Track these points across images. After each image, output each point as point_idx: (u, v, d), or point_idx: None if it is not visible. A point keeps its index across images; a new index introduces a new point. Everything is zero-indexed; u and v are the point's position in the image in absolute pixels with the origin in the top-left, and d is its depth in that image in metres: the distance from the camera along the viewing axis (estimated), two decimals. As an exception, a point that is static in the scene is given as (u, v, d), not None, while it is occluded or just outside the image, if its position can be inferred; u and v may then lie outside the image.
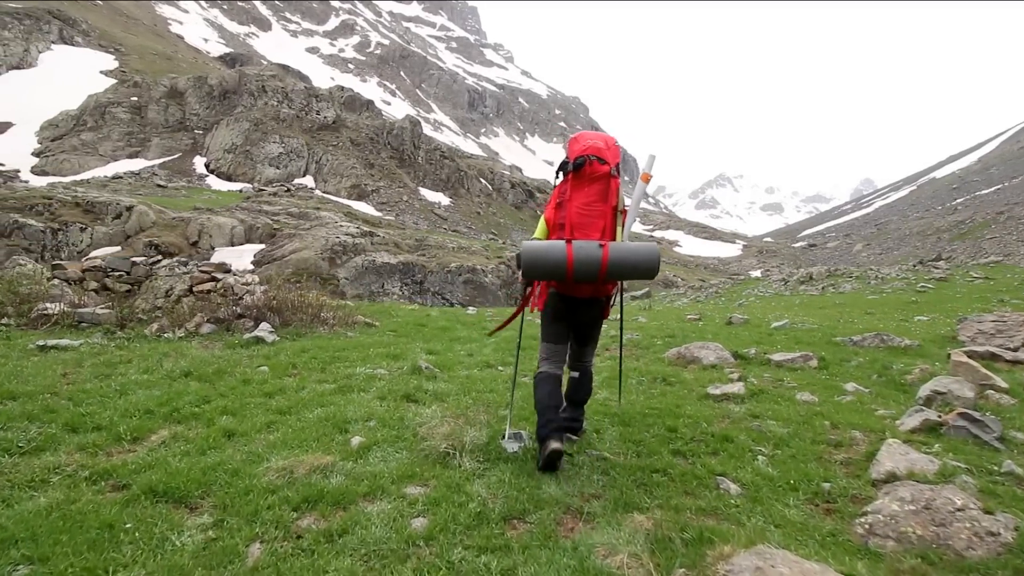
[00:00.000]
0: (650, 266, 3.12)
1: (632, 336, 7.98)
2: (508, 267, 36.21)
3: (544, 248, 3.10)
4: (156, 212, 33.98)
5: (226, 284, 7.56)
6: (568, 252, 3.05)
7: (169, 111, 61.25)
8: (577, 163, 3.22)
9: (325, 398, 4.41)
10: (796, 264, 67.64)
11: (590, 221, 3.18)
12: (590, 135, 3.38)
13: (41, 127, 56.86)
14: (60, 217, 30.81)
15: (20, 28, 69.08)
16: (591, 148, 3.24)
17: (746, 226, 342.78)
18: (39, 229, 29.31)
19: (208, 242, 33.53)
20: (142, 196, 39.14)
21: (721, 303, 18.89)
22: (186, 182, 51.43)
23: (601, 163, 3.21)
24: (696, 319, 10.71)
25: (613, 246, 3.10)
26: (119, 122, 58.28)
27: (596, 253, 3.05)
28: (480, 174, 70.20)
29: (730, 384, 5.17)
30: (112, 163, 54.90)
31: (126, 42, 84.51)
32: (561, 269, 3.08)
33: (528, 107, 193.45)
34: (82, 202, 32.57)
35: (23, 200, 31.39)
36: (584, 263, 3.05)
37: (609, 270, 3.09)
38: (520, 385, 5.14)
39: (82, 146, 55.57)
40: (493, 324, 9.27)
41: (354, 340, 7.03)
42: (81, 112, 57.99)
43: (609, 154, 3.26)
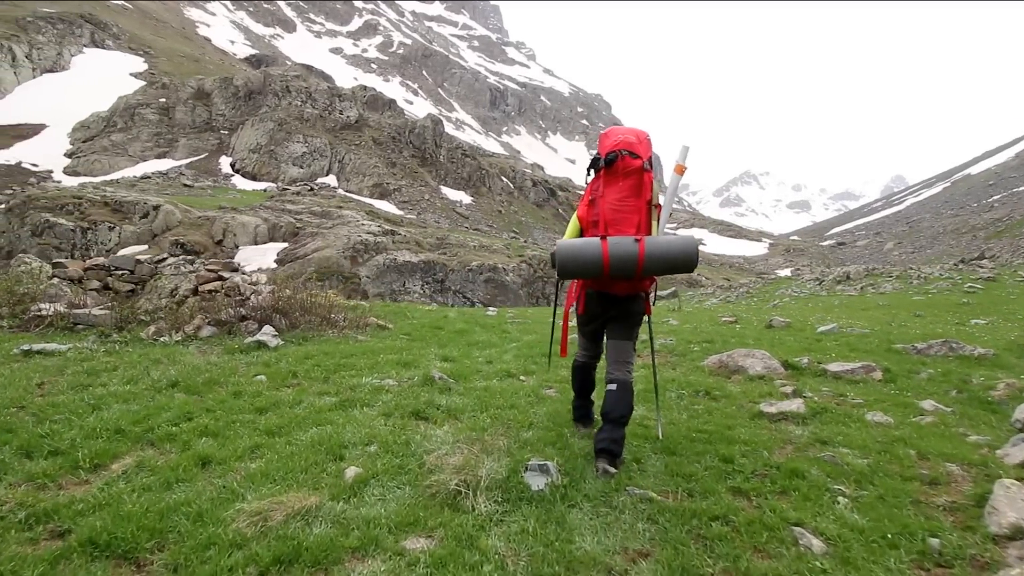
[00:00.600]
0: (688, 260, 3.06)
1: (665, 341, 7.39)
2: (529, 265, 35.61)
3: (579, 246, 3.06)
4: (182, 211, 34.21)
5: (232, 284, 7.14)
6: (603, 249, 3.01)
7: (196, 112, 62.04)
8: (609, 158, 3.16)
9: (323, 415, 3.90)
10: (825, 263, 65.73)
11: (624, 217, 3.13)
12: (621, 130, 3.31)
13: (73, 128, 58.06)
14: (89, 216, 31.17)
15: (54, 32, 70.70)
16: (623, 143, 3.18)
17: (772, 224, 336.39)
18: (69, 228, 29.68)
19: (232, 240, 33.63)
20: (169, 195, 39.53)
21: (753, 304, 17.99)
22: (212, 181, 51.97)
23: (633, 157, 3.14)
24: (732, 321, 10.05)
25: (649, 241, 3.04)
26: (148, 123, 59.20)
27: (632, 249, 3.00)
28: (501, 172, 69.68)
29: (786, 400, 4.55)
30: (141, 163, 55.76)
31: (155, 45, 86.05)
32: (597, 266, 3.04)
33: (550, 105, 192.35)
34: (111, 202, 32.93)
35: (54, 200, 31.85)
36: (620, 259, 3.00)
37: (646, 265, 3.03)
38: (544, 400, 4.55)
39: (112, 147, 56.55)
40: (513, 327, 8.76)
41: (364, 345, 6.52)
42: (111, 113, 59.06)
43: (641, 148, 3.19)
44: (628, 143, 3.19)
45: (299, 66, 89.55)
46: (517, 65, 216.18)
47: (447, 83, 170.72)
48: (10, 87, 61.80)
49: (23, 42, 65.76)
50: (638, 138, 3.24)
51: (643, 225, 3.15)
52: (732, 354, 5.94)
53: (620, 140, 3.21)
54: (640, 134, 3.28)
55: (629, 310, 3.39)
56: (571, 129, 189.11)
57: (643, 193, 3.16)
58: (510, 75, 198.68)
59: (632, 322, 3.45)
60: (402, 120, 67.80)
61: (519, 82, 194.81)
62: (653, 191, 3.23)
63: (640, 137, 3.25)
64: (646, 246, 3.02)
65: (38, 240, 28.79)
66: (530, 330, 8.50)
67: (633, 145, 3.18)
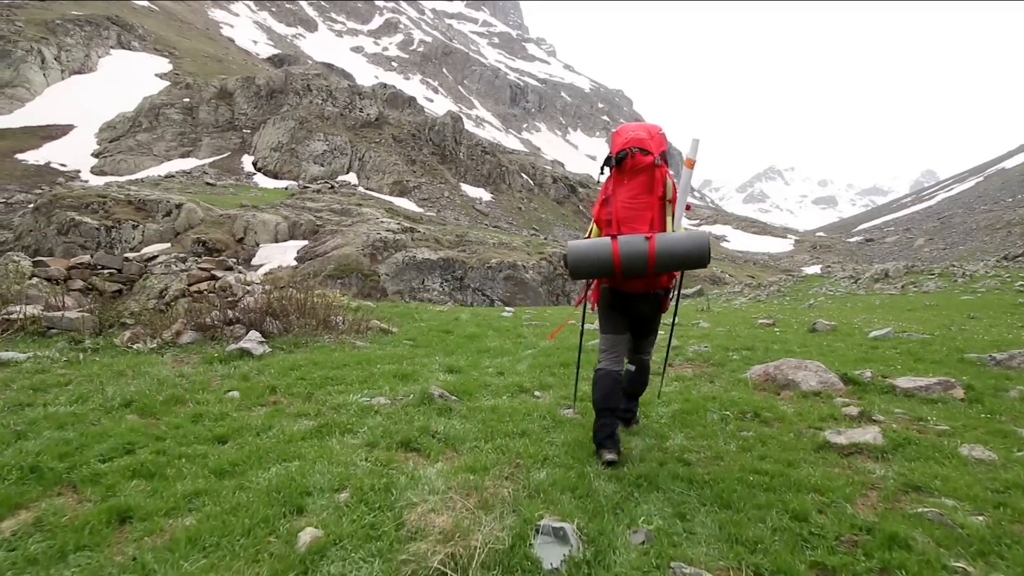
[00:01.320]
0: (700, 255, 3.00)
1: (699, 348, 6.63)
2: (549, 263, 34.86)
3: (588, 246, 3.08)
4: (204, 209, 34.23)
5: (224, 283, 6.54)
6: (614, 248, 3.00)
7: (219, 111, 62.52)
8: (619, 157, 3.15)
9: (292, 446, 3.25)
10: (853, 259, 63.69)
11: (637, 214, 3.13)
12: (632, 127, 3.29)
13: (100, 129, 58.93)
14: (114, 215, 31.33)
15: (81, 34, 71.94)
16: (633, 140, 3.17)
17: (797, 220, 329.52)
18: (94, 227, 29.85)
19: (253, 238, 33.55)
20: (191, 194, 39.70)
21: (787, 303, 16.98)
22: (234, 180, 52.25)
23: (644, 154, 3.13)
24: (769, 324, 9.21)
25: (660, 237, 3.01)
26: (172, 123, 59.81)
27: (642, 247, 2.98)
28: (521, 169, 68.92)
29: (857, 429, 3.71)
30: (166, 163, 56.35)
31: (180, 45, 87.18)
32: (608, 266, 3.03)
33: (570, 101, 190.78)
34: (134, 200, 33.09)
35: (79, 199, 32.09)
36: (631, 258, 2.99)
37: (658, 263, 3.01)
38: (562, 424, 3.84)
39: (138, 146, 57.25)
40: (530, 330, 8.12)
41: (361, 353, 5.87)
42: (137, 114, 59.80)
43: (653, 143, 3.17)
44: (639, 140, 3.16)
45: (320, 65, 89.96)
46: (537, 61, 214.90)
47: (467, 80, 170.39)
48: (40, 89, 62.99)
49: (52, 44, 67.00)
50: (649, 134, 3.21)
51: (656, 221, 3.12)
52: (780, 365, 5.17)
53: (631, 137, 3.19)
54: (652, 129, 3.25)
55: (648, 308, 3.40)
56: (592, 125, 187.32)
57: (655, 189, 3.13)
58: (530, 72, 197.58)
59: (650, 322, 3.52)
60: (422, 117, 67.48)
61: (539, 78, 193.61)
62: (666, 186, 3.18)
63: (651, 132, 3.22)
64: (657, 243, 2.98)
65: (64, 238, 28.97)
66: (548, 334, 7.89)
67: (644, 141, 3.16)
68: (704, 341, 7.11)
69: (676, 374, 5.51)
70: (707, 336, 7.61)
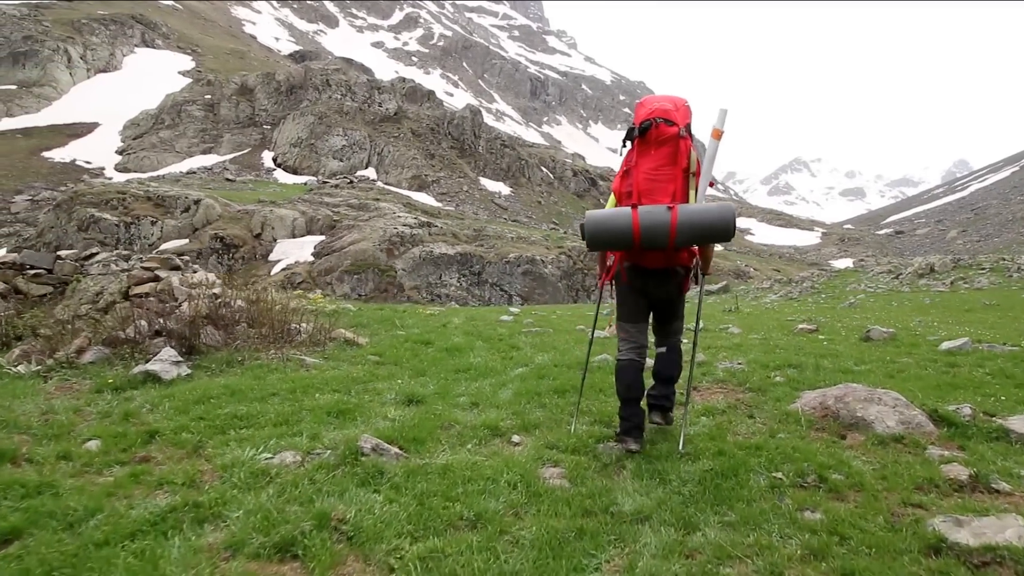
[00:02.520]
0: (725, 227, 2.91)
1: (732, 365, 5.30)
2: (569, 257, 34.31)
3: (607, 215, 2.99)
4: (222, 205, 34.39)
5: (166, 285, 5.70)
6: (633, 217, 2.90)
7: (239, 107, 63.03)
8: (643, 127, 3.06)
9: (102, 555, 2.18)
10: (882, 252, 61.84)
11: (659, 186, 3.03)
12: (657, 98, 3.20)
13: (124, 126, 59.85)
14: (133, 211, 31.62)
15: (107, 33, 73.08)
16: (657, 111, 3.07)
17: (823, 213, 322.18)
18: (113, 223, 30.15)
19: (271, 234, 33.62)
20: (211, 190, 39.98)
21: (823, 301, 15.86)
22: (254, 176, 52.60)
23: (668, 124, 3.03)
24: (812, 330, 7.83)
25: (682, 208, 2.90)
26: (194, 119, 60.47)
27: (664, 216, 2.88)
28: (541, 162, 68.29)
29: (985, 518, 2.44)
30: (188, 159, 56.99)
31: (202, 43, 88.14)
32: (627, 236, 2.94)
33: (591, 94, 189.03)
34: (153, 196, 33.37)
35: (99, 195, 32.44)
36: (651, 228, 2.89)
37: (679, 234, 2.90)
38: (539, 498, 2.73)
39: (160, 143, 58.01)
40: (528, 340, 6.89)
41: (304, 376, 4.69)
42: (159, 111, 60.58)
43: (678, 115, 3.07)
44: (664, 110, 3.07)
45: (339, 60, 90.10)
46: (558, 54, 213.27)
47: (487, 74, 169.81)
48: (66, 88, 64.15)
49: (78, 44, 68.16)
50: (675, 105, 3.11)
51: (679, 193, 3.02)
52: (842, 395, 3.91)
53: (655, 108, 3.09)
54: (677, 101, 3.16)
55: (668, 287, 3.26)
56: (613, 118, 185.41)
57: (679, 161, 3.03)
58: (551, 64, 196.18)
59: (672, 303, 3.36)
60: (441, 111, 67.19)
61: (560, 71, 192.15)
62: (691, 159, 3.06)
63: (677, 104, 3.13)
64: (679, 213, 2.87)
65: (84, 235, 29.29)
66: (548, 345, 6.55)
67: (669, 112, 3.06)
68: (737, 354, 5.95)
69: (704, 404, 4.22)
70: (739, 347, 6.40)
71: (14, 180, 47.11)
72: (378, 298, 30.71)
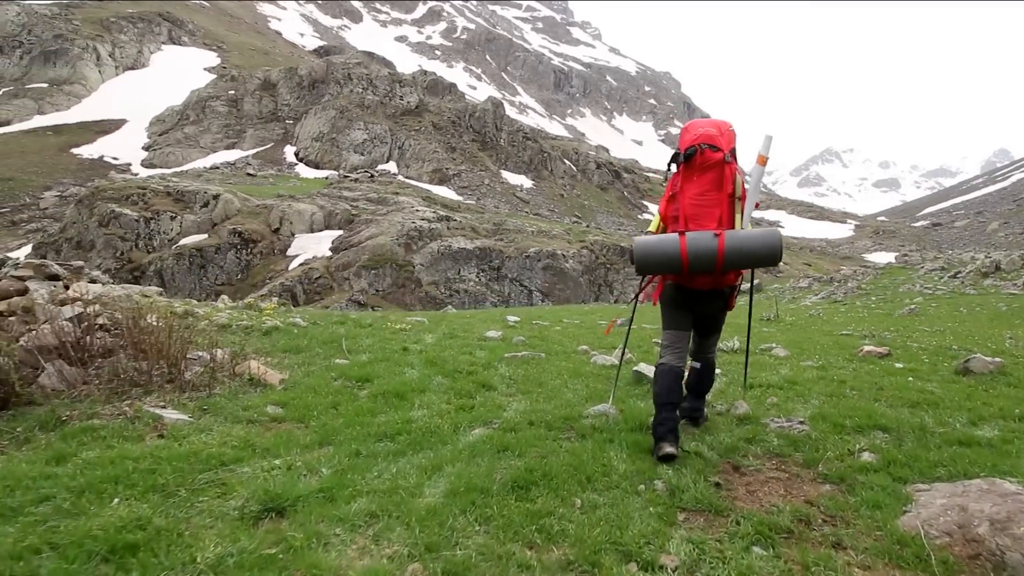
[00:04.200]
0: (772, 253, 2.99)
1: (788, 425, 3.67)
2: (591, 251, 33.35)
3: (656, 242, 3.08)
4: (241, 200, 34.27)
5: (30, 301, 4.45)
6: (681, 245, 2.98)
7: (263, 103, 63.28)
8: (688, 153, 3.11)
9: None
10: (919, 245, 59.24)
11: (705, 211, 3.10)
12: (702, 123, 3.29)
13: (150, 123, 60.57)
14: (152, 206, 31.66)
15: (134, 31, 74.10)
16: (702, 136, 3.13)
17: (856, 205, 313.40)
18: (133, 218, 30.20)
19: (289, 228, 33.40)
20: (232, 185, 40.02)
21: (874, 305, 14.03)
22: (276, 170, 52.70)
23: (713, 150, 3.09)
24: (882, 353, 6.05)
25: (729, 235, 2.99)
26: (218, 115, 60.90)
27: (711, 244, 2.97)
28: (564, 155, 67.14)
29: None
30: (212, 154, 57.42)
31: (228, 40, 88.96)
32: (676, 262, 3.02)
33: (616, 85, 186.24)
34: (173, 191, 33.40)
35: (120, 191, 32.58)
36: (699, 255, 2.97)
37: (726, 260, 2.99)
38: None
39: (185, 139, 58.57)
40: (511, 370, 5.25)
41: (129, 454, 2.96)
42: (184, 107, 61.16)
43: (723, 140, 3.13)
44: (708, 136, 3.13)
45: (360, 53, 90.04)
46: (582, 45, 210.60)
47: (510, 67, 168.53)
48: (95, 85, 65.19)
49: (107, 42, 69.21)
50: (719, 130, 3.18)
51: (725, 219, 3.09)
52: (1002, 515, 2.23)
53: (700, 133, 3.15)
54: (722, 125, 3.23)
55: (714, 306, 3.37)
56: (638, 109, 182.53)
57: (724, 186, 3.11)
58: (575, 56, 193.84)
59: (715, 320, 3.47)
60: (462, 104, 66.49)
61: (584, 63, 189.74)
62: (736, 184, 3.12)
63: (722, 129, 3.20)
64: (726, 240, 2.97)
65: (104, 230, 29.39)
66: (534, 380, 4.89)
67: (714, 138, 3.12)
68: (791, 399, 4.34)
69: (756, 512, 2.57)
70: (793, 386, 4.72)
71: (44, 176, 47.96)
72: (395, 293, 30.23)
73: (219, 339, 5.42)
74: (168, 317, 4.36)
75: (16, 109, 59.20)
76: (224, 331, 6.11)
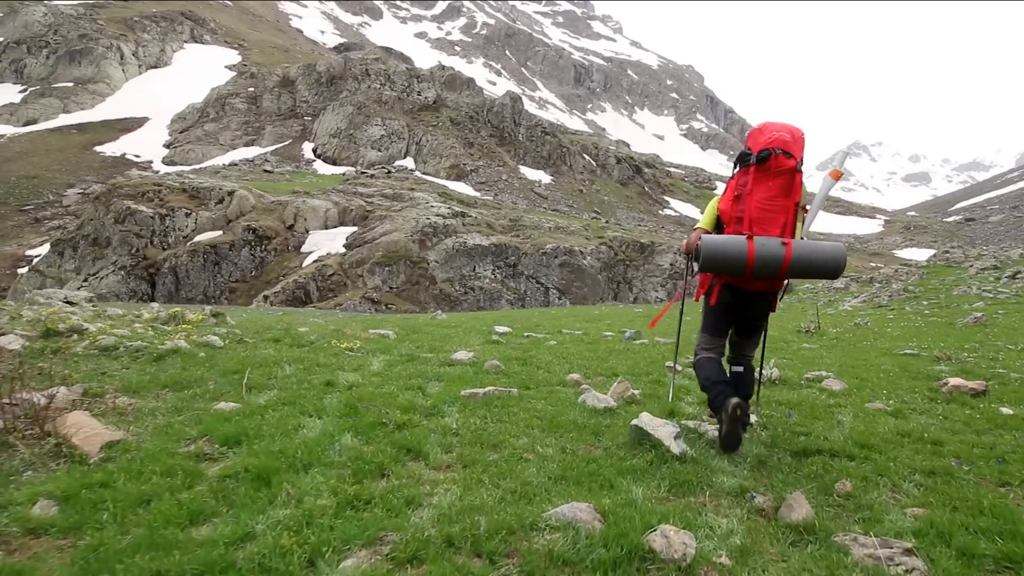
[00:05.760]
0: (836, 267, 3.04)
1: (882, 558, 2.16)
2: (610, 248, 32.47)
3: (724, 242, 3.08)
4: (256, 196, 34.11)
5: None
6: (749, 248, 3.00)
7: (281, 99, 63.42)
8: (762, 156, 3.10)
9: None
10: (952, 240, 56.99)
11: (771, 216, 3.09)
12: (775, 126, 3.23)
13: (171, 120, 61.15)
14: (168, 203, 31.63)
15: (157, 30, 74.93)
16: (777, 140, 3.10)
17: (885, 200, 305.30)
18: (149, 215, 30.18)
19: (303, 225, 33.13)
20: (248, 181, 39.98)
21: (926, 310, 12.21)
22: (294, 167, 52.73)
23: (787, 157, 3.08)
24: (976, 390, 4.55)
25: (797, 244, 3.02)
26: (237, 112, 61.19)
27: (779, 251, 2.98)
28: (584, 150, 66.11)
29: None
30: (231, 151, 57.72)
31: (249, 38, 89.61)
32: (741, 264, 3.03)
33: (637, 79, 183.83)
34: (188, 188, 33.36)
35: (136, 188, 32.65)
36: (765, 260, 2.98)
37: (791, 268, 3.00)
38: None
39: (205, 136, 58.96)
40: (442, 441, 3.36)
41: None
42: (205, 104, 61.59)
43: (796, 147, 3.12)
44: (783, 141, 3.10)
45: (378, 49, 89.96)
46: (603, 39, 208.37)
47: (530, 62, 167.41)
48: (119, 84, 66.03)
49: (130, 41, 70.06)
50: (793, 136, 3.15)
51: (789, 226, 3.10)
52: None
53: (775, 137, 3.11)
54: (795, 132, 3.19)
55: (758, 307, 3.38)
56: (659, 104, 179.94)
57: (793, 194, 3.09)
58: (595, 50, 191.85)
59: (760, 320, 3.48)
60: (480, 99, 65.82)
61: (605, 57, 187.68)
62: (803, 192, 3.15)
63: (795, 135, 3.16)
64: (794, 249, 2.99)
65: (120, 227, 29.41)
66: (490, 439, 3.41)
67: (788, 144, 3.10)
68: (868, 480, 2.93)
69: None
70: (866, 454, 3.27)
71: (67, 174, 48.60)
72: (410, 291, 29.76)
73: (85, 368, 4.27)
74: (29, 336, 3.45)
75: (42, 108, 60.21)
76: (103, 356, 4.88)
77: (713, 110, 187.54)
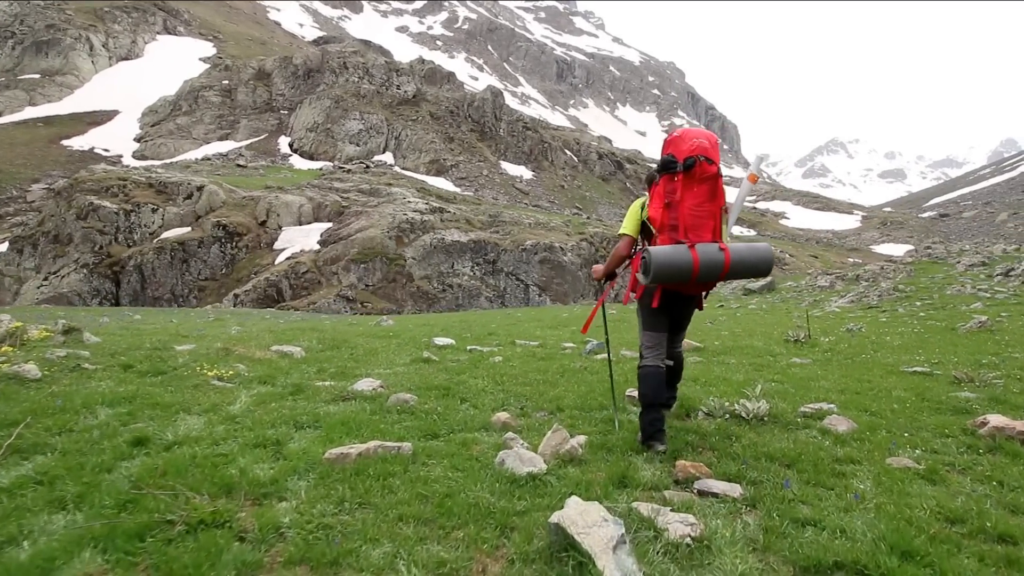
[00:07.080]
0: (768, 266, 3.29)
1: None
2: (590, 244, 32.07)
3: (671, 254, 3.16)
4: (226, 191, 33.07)
5: None
6: (694, 257, 3.12)
7: (256, 92, 61.99)
8: (687, 163, 3.19)
9: None
10: (927, 236, 57.69)
11: (702, 222, 3.21)
12: (693, 133, 3.31)
13: (142, 113, 59.41)
14: (133, 198, 30.48)
15: (128, 21, 72.80)
16: (699, 148, 3.20)
17: (861, 196, 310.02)
18: (113, 211, 29.02)
19: (276, 221, 32.22)
20: (220, 176, 38.86)
21: (920, 312, 11.28)
22: (269, 162, 51.51)
23: (709, 163, 3.20)
24: (1017, 432, 3.40)
25: (733, 249, 3.16)
26: (211, 105, 59.65)
27: (719, 257, 3.13)
28: (565, 145, 65.70)
29: None
30: (204, 146, 56.23)
31: (225, 30, 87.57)
32: (687, 273, 3.14)
33: (619, 75, 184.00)
34: (155, 183, 32.21)
35: (100, 182, 31.41)
36: (709, 267, 3.14)
37: (731, 271, 3.18)
38: None
39: (178, 130, 57.37)
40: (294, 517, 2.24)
41: None
42: (177, 97, 59.94)
43: (715, 153, 3.25)
44: (704, 148, 3.19)
45: (357, 42, 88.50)
46: (585, 35, 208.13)
47: (512, 57, 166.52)
48: (88, 76, 64.03)
49: (100, 32, 67.97)
50: (711, 143, 3.26)
51: (717, 229, 3.22)
52: None
53: (696, 145, 3.20)
54: (712, 138, 3.30)
55: (690, 308, 3.64)
56: (641, 100, 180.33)
57: (718, 198, 3.22)
58: (577, 46, 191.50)
59: (689, 318, 3.81)
60: (461, 93, 65.03)
61: (587, 53, 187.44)
62: (725, 196, 3.28)
63: (712, 142, 3.29)
64: (731, 254, 3.13)
65: (83, 223, 28.26)
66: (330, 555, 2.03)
67: (708, 150, 3.20)
68: None
69: None
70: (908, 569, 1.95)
71: (32, 169, 46.94)
72: (386, 288, 29.08)
73: None
74: None
75: (7, 101, 58.14)
76: None
77: (694, 106, 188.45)
